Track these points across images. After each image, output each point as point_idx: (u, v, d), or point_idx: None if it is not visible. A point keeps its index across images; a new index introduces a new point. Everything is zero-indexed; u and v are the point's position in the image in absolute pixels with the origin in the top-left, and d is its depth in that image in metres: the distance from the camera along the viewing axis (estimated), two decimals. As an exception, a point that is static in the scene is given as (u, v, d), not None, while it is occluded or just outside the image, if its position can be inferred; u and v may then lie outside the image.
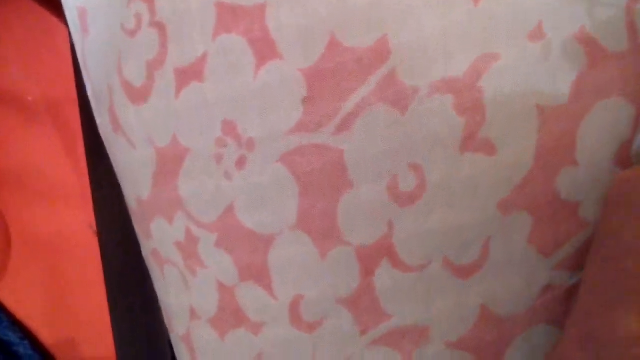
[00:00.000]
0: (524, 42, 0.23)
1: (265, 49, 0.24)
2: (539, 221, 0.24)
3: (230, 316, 0.29)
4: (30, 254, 0.69)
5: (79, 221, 0.68)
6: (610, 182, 0.23)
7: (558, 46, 0.23)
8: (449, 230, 0.25)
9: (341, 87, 0.24)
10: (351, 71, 0.24)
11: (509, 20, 0.23)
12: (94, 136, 0.38)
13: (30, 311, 0.64)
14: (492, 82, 0.23)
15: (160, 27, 0.26)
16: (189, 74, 0.26)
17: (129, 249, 0.43)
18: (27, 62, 0.74)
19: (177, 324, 0.32)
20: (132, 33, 0.27)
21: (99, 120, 0.33)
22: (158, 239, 0.31)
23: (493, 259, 0.25)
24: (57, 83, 0.71)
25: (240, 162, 0.26)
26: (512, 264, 0.25)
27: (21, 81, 0.72)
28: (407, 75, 0.23)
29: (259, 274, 0.27)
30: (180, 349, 0.33)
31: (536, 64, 0.23)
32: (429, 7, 0.23)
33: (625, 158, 0.24)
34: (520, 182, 0.24)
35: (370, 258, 0.25)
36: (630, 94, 0.24)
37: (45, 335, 0.63)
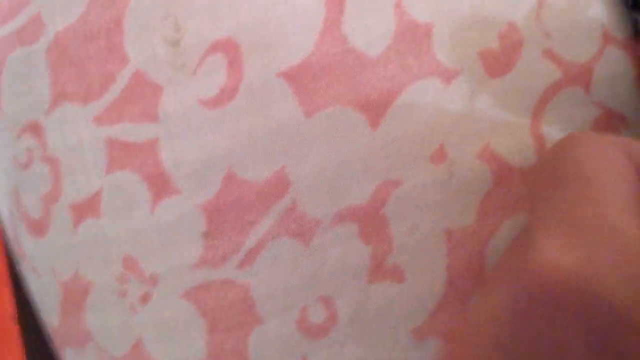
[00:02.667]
0: (426, 165, 0.22)
1: (160, 185, 0.23)
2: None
3: None
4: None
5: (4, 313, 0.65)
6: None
7: (461, 166, 0.23)
8: (371, 358, 0.23)
9: (242, 221, 0.23)
10: (251, 204, 0.23)
11: (409, 144, 0.22)
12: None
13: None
14: (396, 208, 0.22)
15: (52, 162, 0.24)
16: (84, 210, 0.24)
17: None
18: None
19: None
20: (25, 166, 0.25)
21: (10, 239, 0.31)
22: (74, 367, 0.29)
23: (413, 386, 0.24)
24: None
25: (145, 298, 0.24)
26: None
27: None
28: (308, 206, 0.22)
29: (174, 412, 0.25)
30: None
31: (440, 186, 0.23)
32: (327, 136, 0.22)
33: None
34: (433, 308, 0.23)
35: (287, 394, 0.24)
36: (538, 210, 0.23)
37: None
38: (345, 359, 0.23)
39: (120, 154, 0.23)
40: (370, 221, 0.22)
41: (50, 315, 0.28)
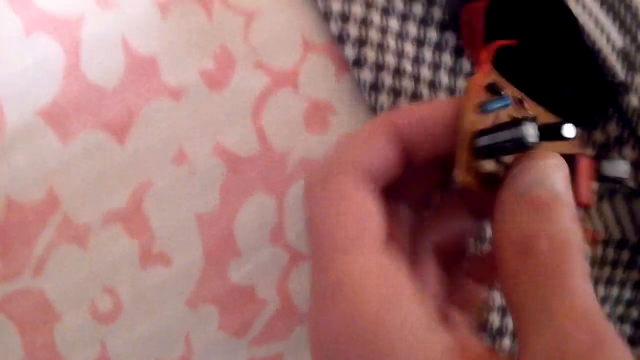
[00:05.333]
0: (171, 167, 0.28)
1: (-47, 219, 0.28)
2: (224, 309, 0.28)
3: None
4: None
5: None
6: (271, 262, 0.28)
7: (200, 163, 0.28)
8: (154, 335, 0.28)
9: (26, 238, 0.27)
10: (31, 223, 0.27)
11: (153, 152, 0.28)
12: None
13: None
14: (151, 205, 0.28)
15: None
16: None
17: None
18: None
19: None
20: None
21: None
22: None
23: (196, 350, 0.29)
24: None
25: (-37, 318, 0.29)
26: (213, 351, 0.29)
27: None
28: (78, 215, 0.27)
29: (6, 411, 0.29)
30: None
31: (185, 182, 0.28)
32: (83, 157, 0.27)
33: (279, 239, 0.29)
34: (198, 280, 0.28)
35: (94, 374, 0.28)
36: (269, 188, 0.29)
37: None
38: (138, 336, 0.28)
39: None
40: (132, 219, 0.27)
41: None
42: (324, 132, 0.29)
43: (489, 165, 0.20)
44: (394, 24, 0.29)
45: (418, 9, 0.30)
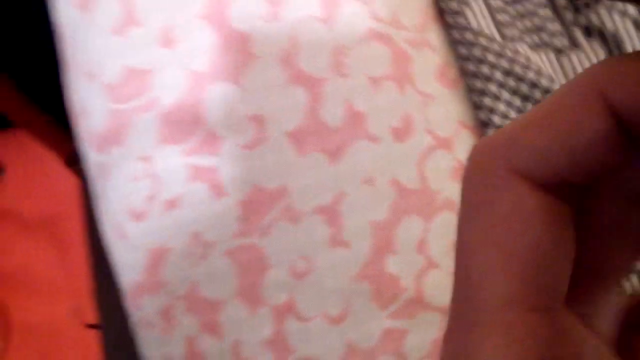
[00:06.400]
0: (361, 185, 0.42)
1: (217, 189, 0.42)
2: (376, 288, 0.41)
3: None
4: (26, 342, 0.82)
5: (66, 313, 0.82)
6: (414, 263, 0.41)
7: (380, 186, 0.42)
8: (328, 295, 0.41)
9: (260, 212, 0.41)
10: (265, 203, 0.41)
11: (353, 174, 0.42)
12: (95, 247, 0.54)
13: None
14: (344, 207, 0.41)
15: (155, 177, 0.44)
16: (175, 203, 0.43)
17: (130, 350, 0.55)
18: (26, 185, 0.91)
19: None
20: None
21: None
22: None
23: (352, 312, 0.41)
24: (50, 203, 0.88)
25: (203, 256, 0.43)
26: (362, 315, 0.41)
27: (21, 201, 0.89)
28: (298, 204, 0.41)
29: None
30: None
31: (368, 197, 0.42)
32: (309, 167, 0.41)
33: (423, 249, 0.42)
34: (364, 264, 0.41)
35: (282, 312, 0.42)
36: (422, 213, 0.42)
37: None
38: (316, 293, 0.41)
39: (196, 172, 0.42)
40: (331, 214, 0.41)
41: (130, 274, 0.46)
42: (464, 183, 0.43)
43: None
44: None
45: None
